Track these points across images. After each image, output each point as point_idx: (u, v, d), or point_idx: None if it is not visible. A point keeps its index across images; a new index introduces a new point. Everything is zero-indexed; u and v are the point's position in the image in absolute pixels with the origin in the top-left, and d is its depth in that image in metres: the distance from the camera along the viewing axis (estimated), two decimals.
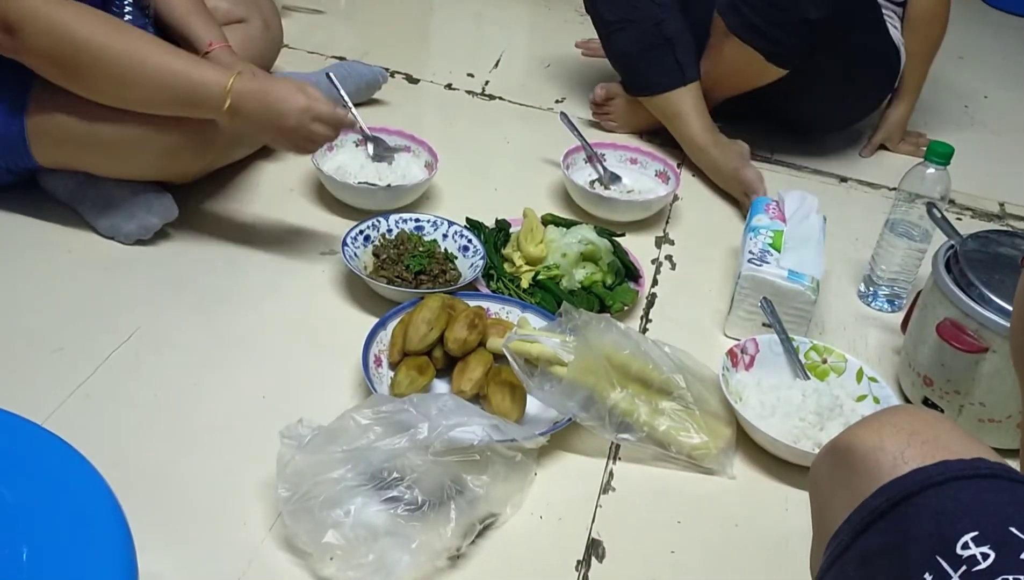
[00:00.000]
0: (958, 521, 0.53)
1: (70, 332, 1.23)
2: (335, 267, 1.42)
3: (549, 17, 2.57)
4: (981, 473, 0.56)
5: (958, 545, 0.51)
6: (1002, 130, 2.27)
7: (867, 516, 0.57)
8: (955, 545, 0.51)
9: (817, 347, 1.30)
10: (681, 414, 1.17)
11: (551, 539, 1.05)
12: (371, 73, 1.89)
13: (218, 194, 1.54)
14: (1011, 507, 0.54)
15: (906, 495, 0.56)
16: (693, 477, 1.15)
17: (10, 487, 0.70)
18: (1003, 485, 0.55)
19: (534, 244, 1.42)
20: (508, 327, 1.23)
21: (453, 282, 1.37)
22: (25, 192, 1.43)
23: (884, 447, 0.61)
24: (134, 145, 1.31)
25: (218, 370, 1.21)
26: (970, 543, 0.51)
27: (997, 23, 2.98)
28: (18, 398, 1.09)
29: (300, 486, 0.95)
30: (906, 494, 0.56)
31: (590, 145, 1.76)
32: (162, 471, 1.05)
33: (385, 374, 1.21)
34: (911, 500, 0.56)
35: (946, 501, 0.55)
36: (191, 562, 0.96)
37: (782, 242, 1.42)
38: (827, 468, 0.69)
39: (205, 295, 1.34)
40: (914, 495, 0.56)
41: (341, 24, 2.33)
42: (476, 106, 2.02)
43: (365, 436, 0.99)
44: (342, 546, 0.93)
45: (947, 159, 1.42)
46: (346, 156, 1.65)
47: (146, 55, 1.23)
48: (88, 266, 1.36)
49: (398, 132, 1.69)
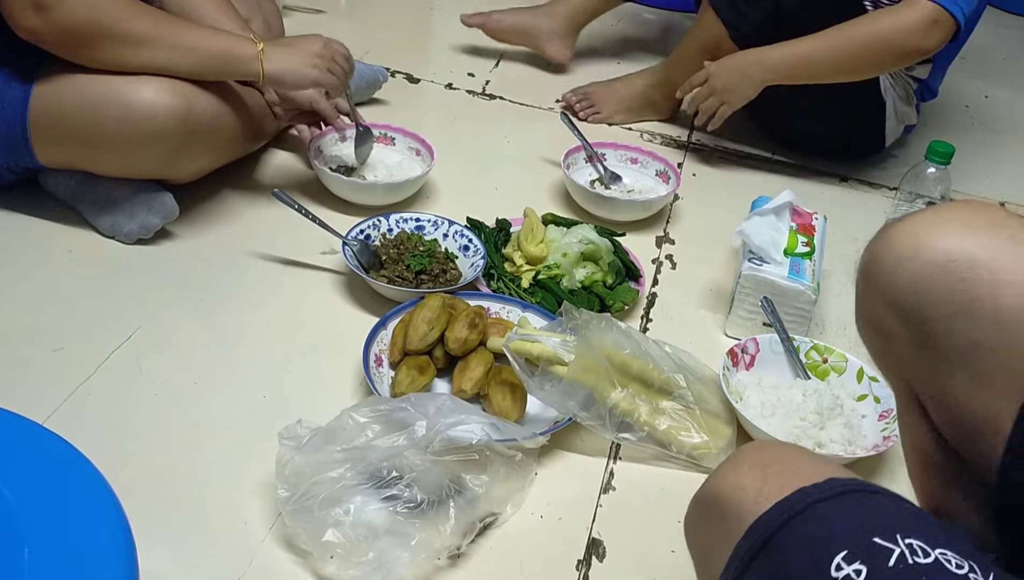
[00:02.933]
0: (827, 544, 0.54)
1: (70, 332, 1.23)
2: (335, 267, 1.42)
3: None
4: (835, 492, 0.58)
5: (832, 568, 0.52)
6: (1003, 130, 2.27)
7: (744, 556, 0.58)
8: (830, 569, 0.53)
9: (818, 347, 1.30)
10: (682, 414, 1.17)
11: (552, 538, 1.05)
12: (372, 72, 1.89)
13: (218, 194, 1.54)
14: (869, 517, 0.55)
15: (774, 530, 0.57)
16: (693, 477, 1.15)
17: (11, 487, 0.70)
18: (858, 498, 0.57)
19: (535, 244, 1.42)
20: (508, 327, 1.23)
21: (454, 282, 1.37)
22: (25, 192, 1.43)
23: (744, 486, 0.62)
24: (135, 144, 1.31)
25: (218, 370, 1.21)
26: (842, 563, 0.52)
27: (998, 23, 2.97)
28: (18, 398, 1.09)
29: (299, 486, 0.96)
30: (774, 529, 0.57)
31: (590, 145, 1.76)
32: (162, 471, 1.05)
33: (386, 374, 1.21)
34: (779, 533, 0.57)
35: (812, 527, 0.56)
36: (192, 561, 0.96)
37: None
38: (697, 520, 0.71)
39: (205, 295, 1.34)
40: (781, 528, 0.57)
41: (342, 24, 2.33)
42: (476, 106, 2.02)
43: (363, 434, 0.99)
44: (342, 545, 0.93)
45: (948, 159, 1.42)
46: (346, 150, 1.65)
47: (177, 31, 1.31)
48: (89, 265, 1.36)
49: (400, 130, 1.69)
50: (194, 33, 1.33)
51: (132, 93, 1.28)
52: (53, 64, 1.29)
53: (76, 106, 1.29)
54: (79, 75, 1.29)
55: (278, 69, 1.36)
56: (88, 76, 1.29)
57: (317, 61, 1.40)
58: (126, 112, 1.28)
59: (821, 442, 1.17)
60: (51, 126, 1.31)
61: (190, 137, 1.34)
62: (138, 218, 1.39)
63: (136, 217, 1.39)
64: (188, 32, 1.33)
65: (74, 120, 1.30)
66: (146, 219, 1.39)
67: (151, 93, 1.29)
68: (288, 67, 1.37)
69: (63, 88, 1.29)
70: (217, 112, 1.37)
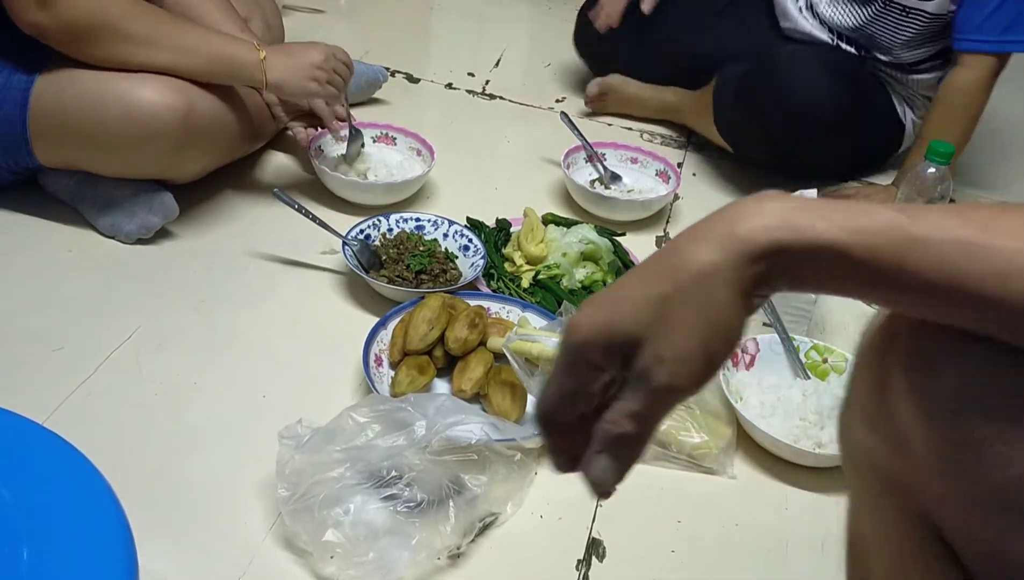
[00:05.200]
0: None
1: (70, 331, 1.23)
2: (335, 267, 1.42)
3: (550, 17, 2.57)
4: None
5: None
6: (1003, 130, 2.27)
7: None
8: None
9: (818, 347, 1.30)
10: (681, 413, 1.17)
11: (552, 538, 1.05)
12: (371, 72, 1.89)
13: (218, 194, 1.54)
14: None
15: None
16: (693, 477, 1.15)
17: (11, 486, 0.70)
18: None
19: (535, 243, 1.42)
20: (508, 326, 1.23)
21: (454, 281, 1.37)
22: (25, 191, 1.43)
23: None
24: (135, 144, 1.31)
25: (218, 370, 1.21)
26: None
27: None
28: (19, 397, 1.08)
29: (299, 485, 0.96)
30: None
31: (590, 145, 1.76)
32: (162, 470, 1.05)
33: (386, 373, 1.21)
34: None
35: None
36: (192, 561, 0.96)
37: None
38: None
39: (205, 295, 1.34)
40: None
41: (342, 23, 2.33)
42: (476, 105, 2.02)
43: (363, 434, 0.99)
44: (342, 544, 0.93)
45: (948, 159, 1.42)
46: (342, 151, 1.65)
47: (180, 32, 1.32)
48: (89, 265, 1.36)
49: (401, 129, 1.69)
50: (197, 35, 1.34)
51: (132, 92, 1.28)
52: (53, 63, 1.29)
53: (76, 105, 1.29)
54: (79, 74, 1.29)
55: (279, 78, 1.38)
56: (88, 75, 1.29)
57: (318, 73, 1.40)
58: (126, 111, 1.28)
59: (821, 442, 1.17)
60: (51, 125, 1.31)
61: (190, 136, 1.34)
62: (138, 218, 1.39)
63: (136, 217, 1.39)
64: (191, 33, 1.33)
65: (74, 119, 1.30)
66: (146, 219, 1.39)
67: (151, 92, 1.29)
68: (288, 77, 1.38)
69: (63, 87, 1.29)
70: (217, 112, 1.37)
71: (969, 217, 0.46)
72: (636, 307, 0.48)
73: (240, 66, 1.35)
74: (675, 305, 0.47)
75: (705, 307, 0.47)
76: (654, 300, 0.48)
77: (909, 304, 0.49)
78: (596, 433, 0.50)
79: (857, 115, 1.73)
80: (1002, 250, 0.44)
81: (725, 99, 1.77)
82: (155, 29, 1.29)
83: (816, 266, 0.46)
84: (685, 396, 0.49)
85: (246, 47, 1.36)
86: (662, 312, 0.47)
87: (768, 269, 0.47)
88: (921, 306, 0.48)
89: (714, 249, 0.47)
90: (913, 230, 0.45)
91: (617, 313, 0.49)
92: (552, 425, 0.54)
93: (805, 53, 1.72)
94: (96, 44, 1.26)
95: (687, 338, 0.47)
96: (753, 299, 0.48)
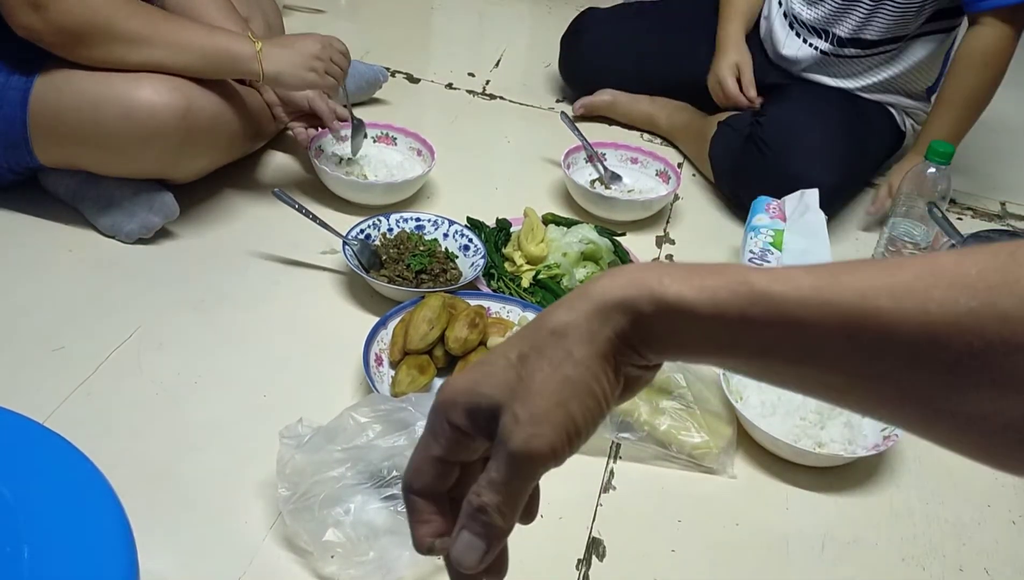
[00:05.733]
0: None
1: (71, 331, 1.23)
2: (335, 266, 1.42)
3: (550, 17, 2.57)
4: None
5: None
6: (1003, 129, 2.27)
7: None
8: None
9: None
10: (682, 413, 1.17)
11: (552, 538, 1.05)
12: (372, 72, 1.89)
13: (219, 194, 1.54)
14: None
15: None
16: (693, 476, 1.15)
17: (11, 486, 0.70)
18: None
19: (535, 243, 1.42)
20: (509, 326, 1.23)
21: (454, 281, 1.37)
22: (26, 191, 1.43)
23: None
24: (135, 143, 1.31)
25: (218, 369, 1.21)
26: None
27: None
28: (19, 397, 1.09)
29: (300, 485, 0.96)
30: None
31: (590, 144, 1.76)
32: (162, 470, 1.05)
33: (386, 373, 1.21)
34: None
35: None
36: (192, 561, 0.96)
37: (783, 241, 1.42)
38: None
39: (206, 294, 1.34)
40: None
41: (342, 23, 2.33)
42: (477, 105, 2.02)
43: (364, 434, 0.99)
44: (343, 544, 0.93)
45: (948, 158, 1.42)
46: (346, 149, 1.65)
47: (174, 28, 1.31)
48: (89, 265, 1.36)
49: (401, 129, 1.69)
50: (191, 31, 1.33)
51: (132, 92, 1.28)
52: (53, 63, 1.29)
53: (76, 105, 1.29)
54: (79, 74, 1.29)
55: (276, 69, 1.37)
56: (88, 75, 1.29)
57: (315, 64, 1.40)
58: (126, 111, 1.28)
59: (821, 442, 1.17)
60: (51, 125, 1.31)
61: (190, 136, 1.34)
62: (138, 217, 1.39)
63: (136, 216, 1.39)
64: (184, 29, 1.33)
65: (74, 119, 1.30)
66: (146, 218, 1.39)
67: (151, 92, 1.29)
68: (286, 68, 1.38)
69: (63, 87, 1.29)
70: (217, 111, 1.37)
71: (827, 268, 0.43)
72: (498, 369, 0.47)
73: (237, 59, 1.35)
74: (531, 363, 0.46)
75: (560, 364, 0.46)
76: (514, 361, 0.47)
77: (763, 370, 0.46)
78: (463, 507, 0.48)
79: (856, 148, 1.71)
80: (844, 298, 0.41)
81: (722, 169, 1.74)
82: (149, 27, 1.29)
83: (671, 327, 0.45)
84: (546, 463, 0.46)
85: (242, 39, 1.36)
86: (520, 372, 0.46)
87: (625, 328, 0.46)
88: (773, 374, 0.46)
89: (568, 310, 0.47)
90: (758, 285, 0.43)
91: (482, 374, 0.48)
92: (414, 495, 0.51)
93: (797, 124, 1.66)
94: (91, 46, 1.26)
95: (543, 397, 0.45)
96: (617, 362, 0.47)
